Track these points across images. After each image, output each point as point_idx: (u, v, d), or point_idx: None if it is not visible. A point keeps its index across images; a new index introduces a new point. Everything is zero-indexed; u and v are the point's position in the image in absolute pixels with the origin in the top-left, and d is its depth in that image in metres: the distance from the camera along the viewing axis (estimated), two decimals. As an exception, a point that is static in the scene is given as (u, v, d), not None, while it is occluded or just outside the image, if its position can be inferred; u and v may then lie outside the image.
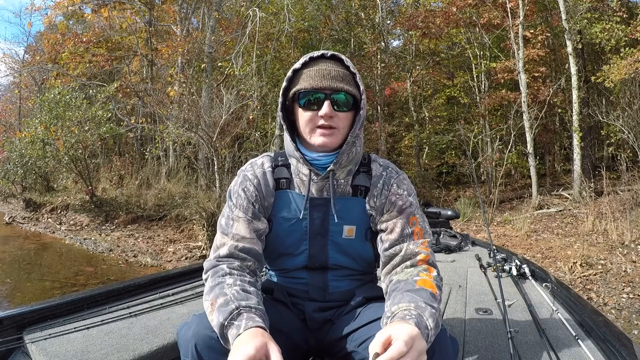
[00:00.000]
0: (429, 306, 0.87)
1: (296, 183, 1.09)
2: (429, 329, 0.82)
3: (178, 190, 8.57)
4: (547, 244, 5.74)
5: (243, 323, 0.82)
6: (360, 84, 1.03)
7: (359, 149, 1.07)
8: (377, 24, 10.88)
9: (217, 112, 7.59)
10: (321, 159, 1.04)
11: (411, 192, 1.11)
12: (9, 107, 17.16)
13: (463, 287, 2.03)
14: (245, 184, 1.09)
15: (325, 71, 0.99)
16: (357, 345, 1.00)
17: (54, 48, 11.00)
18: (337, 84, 0.99)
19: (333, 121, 1.00)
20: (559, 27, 9.25)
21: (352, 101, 1.02)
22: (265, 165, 1.11)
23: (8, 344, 1.29)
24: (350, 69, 1.02)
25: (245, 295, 0.91)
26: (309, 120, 1.01)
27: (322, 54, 1.03)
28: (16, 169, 8.99)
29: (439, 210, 3.23)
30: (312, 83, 0.99)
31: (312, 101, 1.00)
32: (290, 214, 1.09)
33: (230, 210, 1.08)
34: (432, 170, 12.09)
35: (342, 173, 1.07)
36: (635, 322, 3.43)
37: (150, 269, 5.44)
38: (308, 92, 1.00)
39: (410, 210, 1.07)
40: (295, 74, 1.03)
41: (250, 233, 1.05)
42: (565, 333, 1.46)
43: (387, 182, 1.09)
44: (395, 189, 1.08)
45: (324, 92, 0.99)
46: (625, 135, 7.63)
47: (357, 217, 1.08)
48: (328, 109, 0.98)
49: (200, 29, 11.51)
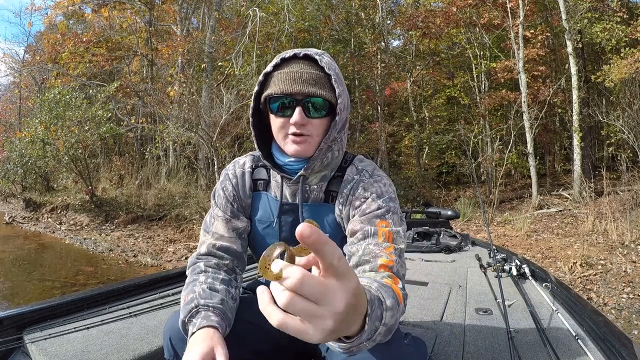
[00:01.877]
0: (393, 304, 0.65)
1: (272, 186, 1.08)
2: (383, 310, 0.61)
3: (178, 190, 8.57)
4: (547, 244, 5.74)
5: (198, 321, 0.85)
6: (336, 86, 0.93)
7: (336, 154, 1.01)
8: (377, 24, 10.88)
9: (217, 112, 7.60)
10: (293, 165, 1.00)
11: (383, 195, 0.97)
12: (9, 107, 17.16)
13: (463, 287, 2.03)
14: (225, 183, 1.09)
15: (297, 74, 0.91)
16: (327, 349, 0.98)
17: (54, 48, 11.00)
18: (309, 89, 0.90)
19: (305, 129, 0.93)
20: (559, 27, 9.25)
21: (328, 105, 0.94)
22: (246, 166, 1.10)
23: (8, 344, 1.29)
24: (325, 69, 0.93)
25: (210, 293, 0.92)
26: (280, 127, 0.95)
27: (294, 54, 0.94)
28: (16, 168, 8.99)
29: (439, 210, 3.24)
30: (282, 88, 0.91)
31: (285, 106, 0.93)
32: (264, 217, 1.08)
33: (213, 208, 1.09)
34: (432, 170, 12.08)
35: (315, 178, 1.02)
36: (635, 322, 3.42)
37: (150, 269, 5.44)
38: (279, 98, 0.92)
39: (376, 212, 0.93)
40: (266, 78, 0.96)
41: (228, 232, 1.05)
42: (565, 333, 1.46)
43: (355, 186, 0.99)
44: (361, 193, 0.97)
45: (294, 97, 0.91)
46: (625, 136, 7.63)
47: (329, 224, 1.02)
48: (299, 117, 0.91)
49: (200, 28, 11.51)
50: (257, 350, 1.00)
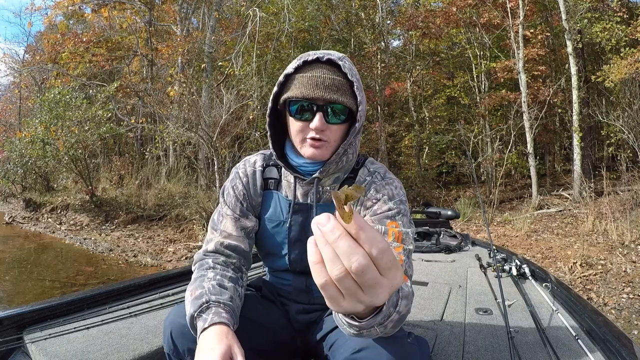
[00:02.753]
0: (408, 293, 0.74)
1: (284, 185, 1.08)
2: (399, 298, 0.68)
3: (178, 190, 8.57)
4: (547, 244, 5.74)
5: (209, 317, 0.86)
6: (357, 94, 0.94)
7: (350, 157, 1.03)
8: (377, 24, 10.88)
9: (217, 112, 7.59)
10: (307, 166, 1.02)
11: (394, 197, 0.99)
12: (9, 107, 17.17)
13: (463, 287, 2.03)
14: (235, 181, 1.10)
15: (320, 79, 0.91)
16: (329, 348, 0.98)
17: (54, 48, 11.00)
18: (331, 95, 0.91)
19: (324, 134, 0.95)
20: (559, 27, 9.25)
21: (347, 112, 0.95)
22: (257, 164, 1.11)
23: (8, 344, 1.29)
24: (348, 76, 0.93)
25: (220, 290, 0.93)
26: (299, 130, 0.96)
27: (317, 57, 0.94)
28: (16, 168, 8.99)
29: (439, 210, 3.24)
30: (304, 92, 0.91)
31: (304, 110, 0.94)
32: (274, 216, 1.08)
33: (221, 206, 1.09)
34: (432, 170, 12.08)
35: (329, 180, 1.05)
36: (635, 322, 3.42)
37: (150, 269, 5.44)
38: (299, 101, 0.93)
39: (387, 214, 0.96)
40: (287, 79, 0.96)
41: (237, 231, 1.05)
42: (565, 333, 1.46)
43: (367, 187, 1.02)
44: (373, 194, 1.00)
45: (316, 102, 0.92)
46: (625, 136, 7.63)
47: None
48: (319, 123, 0.92)
49: (200, 28, 11.51)
50: (259, 348, 0.99)
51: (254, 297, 1.10)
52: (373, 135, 11.41)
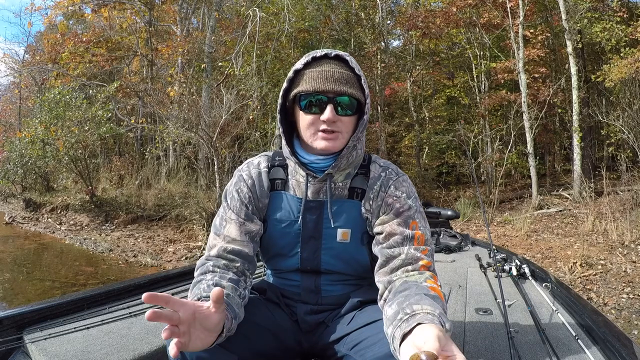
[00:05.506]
0: (445, 317, 0.82)
1: (291, 184, 1.07)
2: None
3: (178, 190, 8.57)
4: (547, 244, 5.74)
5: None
6: (365, 87, 0.98)
7: (359, 152, 1.04)
8: (377, 24, 10.88)
9: (217, 112, 7.59)
10: (319, 162, 1.02)
11: (411, 195, 1.05)
12: (9, 107, 17.18)
13: (463, 287, 2.03)
14: (240, 185, 1.08)
15: (329, 73, 0.95)
16: (350, 348, 0.98)
17: (54, 48, 11.02)
18: (341, 87, 0.94)
19: (336, 126, 0.97)
20: (559, 27, 9.25)
21: (356, 105, 0.98)
22: (262, 165, 1.10)
23: (8, 344, 1.29)
24: (355, 70, 0.97)
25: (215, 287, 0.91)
26: (310, 123, 0.98)
27: (325, 53, 0.98)
28: (16, 169, 8.99)
29: (439, 210, 3.23)
30: (314, 85, 0.94)
31: (314, 104, 0.96)
32: (283, 216, 1.07)
33: (224, 211, 1.07)
34: (432, 170, 12.09)
35: (340, 176, 1.05)
36: (635, 322, 3.43)
37: (150, 269, 5.44)
38: (310, 95, 0.96)
39: (408, 213, 1.01)
40: (296, 75, 0.99)
41: (241, 235, 1.04)
42: (565, 333, 1.46)
43: (384, 183, 1.04)
44: (393, 191, 1.03)
45: (326, 95, 0.95)
46: (625, 135, 7.63)
47: (353, 220, 1.05)
48: (331, 114, 0.94)
49: (200, 29, 11.51)
50: (263, 351, 0.98)
51: (258, 300, 1.09)
52: (373, 135, 11.42)
